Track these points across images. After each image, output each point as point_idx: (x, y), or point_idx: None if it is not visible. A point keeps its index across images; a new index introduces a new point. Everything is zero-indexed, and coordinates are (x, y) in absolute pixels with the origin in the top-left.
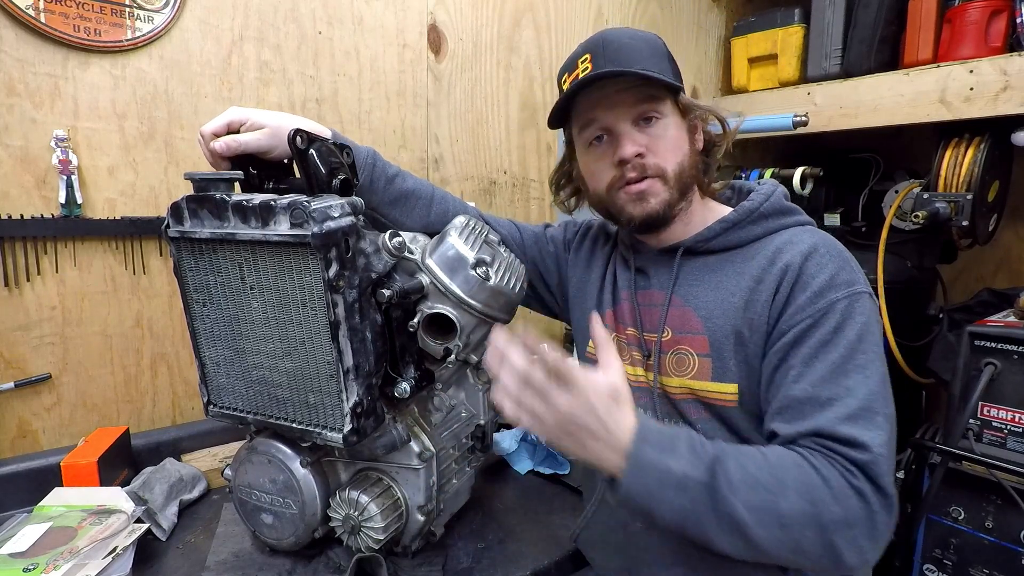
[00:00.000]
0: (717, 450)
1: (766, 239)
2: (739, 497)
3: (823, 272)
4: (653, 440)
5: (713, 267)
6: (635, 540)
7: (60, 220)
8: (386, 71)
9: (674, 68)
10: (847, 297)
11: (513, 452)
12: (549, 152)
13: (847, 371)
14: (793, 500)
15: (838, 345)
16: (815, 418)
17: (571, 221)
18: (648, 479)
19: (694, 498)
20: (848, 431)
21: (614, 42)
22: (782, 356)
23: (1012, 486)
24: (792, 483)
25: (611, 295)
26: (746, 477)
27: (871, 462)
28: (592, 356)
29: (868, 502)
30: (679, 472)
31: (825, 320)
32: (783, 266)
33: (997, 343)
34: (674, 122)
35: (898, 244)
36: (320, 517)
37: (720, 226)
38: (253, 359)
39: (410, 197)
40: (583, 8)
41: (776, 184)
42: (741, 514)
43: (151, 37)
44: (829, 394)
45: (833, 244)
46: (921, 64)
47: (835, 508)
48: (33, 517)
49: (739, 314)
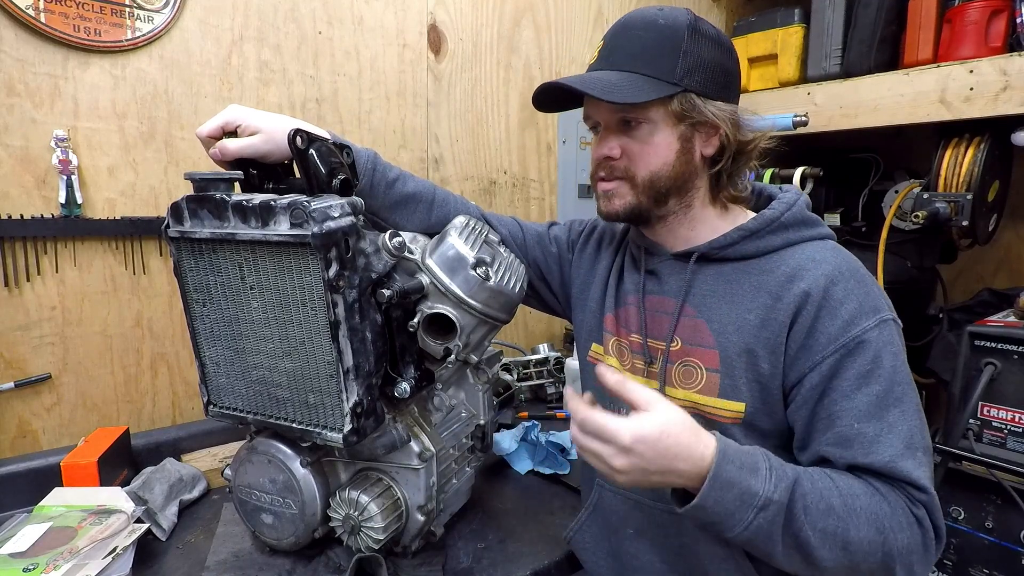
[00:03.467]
0: (795, 473)
1: (785, 251)
2: (810, 520)
3: (850, 299)
4: (735, 458)
5: (728, 278)
6: (625, 546)
7: (60, 220)
8: (386, 71)
9: (689, 61)
10: (876, 326)
11: (513, 452)
12: (549, 152)
13: (887, 405)
14: (863, 528)
15: (878, 378)
16: (870, 457)
17: (576, 220)
18: (728, 496)
19: (772, 519)
20: (907, 471)
21: (624, 32)
22: (822, 391)
23: (1012, 486)
24: (863, 511)
25: (615, 297)
26: (819, 500)
27: (928, 502)
28: (594, 359)
29: (926, 531)
30: (761, 493)
31: (860, 351)
32: (804, 289)
33: (997, 343)
34: (662, 128)
35: (898, 244)
36: (320, 517)
37: (738, 234)
38: (253, 359)
39: (410, 201)
40: (583, 8)
41: (799, 193)
42: (809, 537)
43: (151, 37)
44: (875, 431)
45: (856, 266)
46: (921, 64)
47: (900, 535)
48: (33, 517)
49: (754, 332)
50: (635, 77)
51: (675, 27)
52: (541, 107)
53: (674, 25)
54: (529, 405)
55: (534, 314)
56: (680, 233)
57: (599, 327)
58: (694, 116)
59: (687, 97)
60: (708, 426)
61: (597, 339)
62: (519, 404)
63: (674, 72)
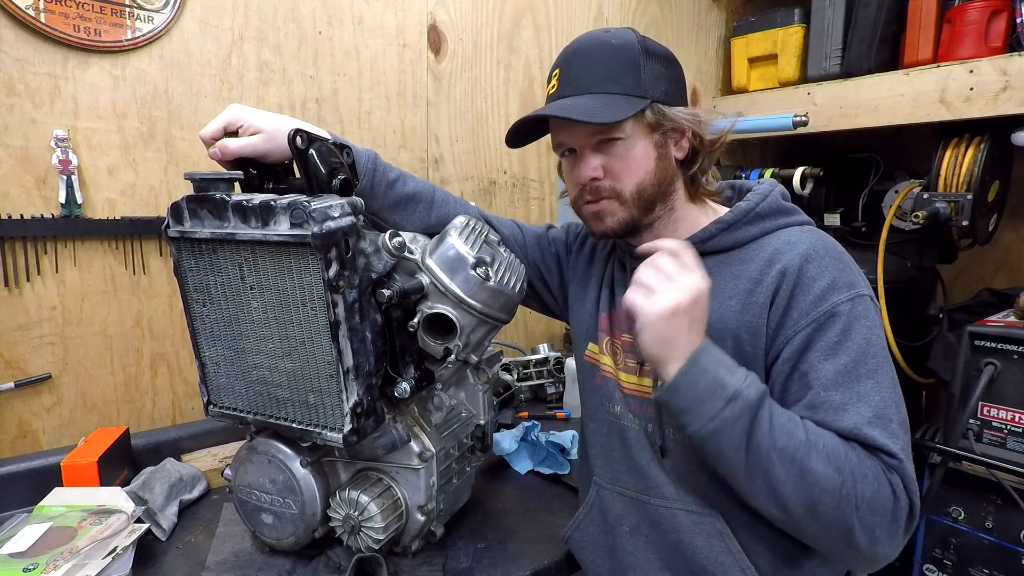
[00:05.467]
0: (769, 397)
1: (763, 240)
2: (773, 434)
3: (824, 275)
4: (716, 354)
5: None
6: (623, 544)
7: (60, 220)
8: (386, 71)
9: (648, 74)
10: (850, 300)
11: (513, 452)
12: (549, 152)
13: (858, 376)
14: (821, 463)
15: (847, 349)
16: (835, 421)
17: (574, 223)
18: (701, 381)
19: (737, 414)
20: (874, 436)
21: (581, 58)
22: (794, 364)
23: (1012, 486)
24: (825, 448)
25: (608, 300)
26: (786, 423)
27: (900, 468)
28: (590, 359)
29: (897, 498)
30: (732, 385)
31: (831, 323)
32: (781, 269)
33: (997, 343)
34: (638, 140)
35: (898, 244)
36: (320, 517)
37: (716, 227)
38: (253, 359)
39: (410, 201)
40: (583, 8)
41: (774, 184)
42: (769, 451)
43: (151, 37)
44: (842, 399)
45: (832, 245)
46: (921, 64)
47: (863, 486)
48: (33, 517)
49: (736, 319)
50: (607, 97)
51: (628, 45)
52: (513, 142)
53: (626, 44)
54: (529, 405)
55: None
56: (664, 235)
57: (595, 327)
58: (665, 124)
59: (655, 107)
60: None
61: (592, 338)
62: (519, 404)
63: (639, 86)
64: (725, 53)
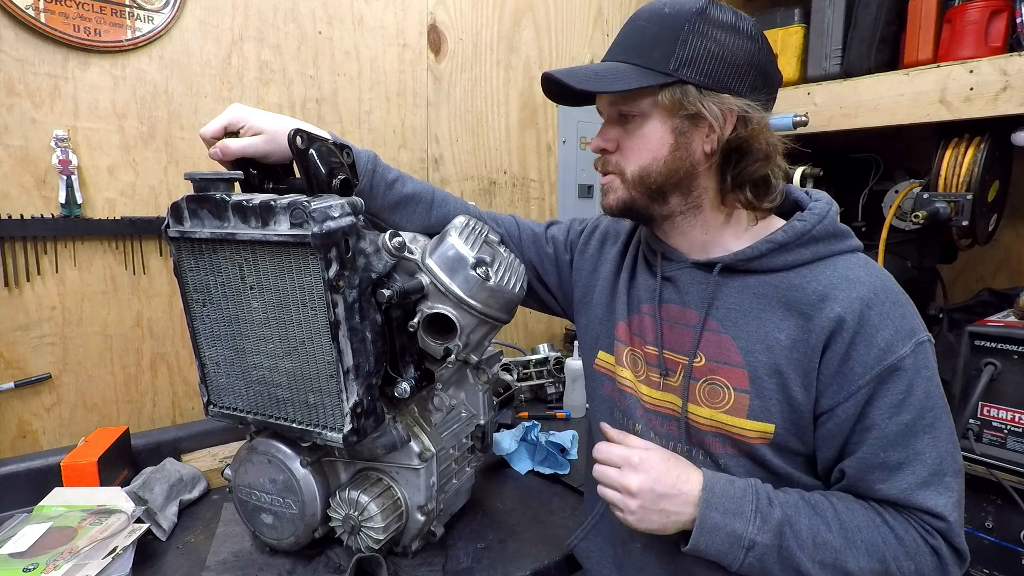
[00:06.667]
0: (786, 510)
1: (815, 266)
2: (806, 554)
3: (886, 325)
4: (718, 505)
5: (755, 291)
6: (632, 559)
7: (60, 220)
8: (386, 71)
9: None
10: (912, 352)
11: (513, 452)
12: (549, 152)
13: (916, 432)
14: (862, 559)
15: (910, 406)
16: (887, 484)
17: (576, 219)
18: (716, 540)
19: (762, 557)
20: (922, 501)
21: (630, 24)
22: (856, 419)
23: (1012, 486)
24: (863, 544)
25: (626, 304)
26: (815, 536)
27: (946, 529)
28: (603, 369)
29: (942, 558)
30: (746, 536)
31: (895, 380)
32: (839, 314)
33: (997, 343)
34: (653, 121)
35: (898, 244)
36: (320, 517)
37: (766, 247)
38: (253, 359)
39: (410, 201)
40: (583, 8)
41: (831, 202)
42: (807, 568)
43: (151, 37)
44: (899, 458)
45: (891, 286)
46: (921, 64)
47: (907, 563)
48: (33, 517)
49: (784, 353)
50: (622, 67)
51: (678, 15)
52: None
53: (678, 13)
54: (529, 405)
55: (534, 314)
56: (695, 237)
57: (609, 335)
58: (688, 109)
59: (681, 88)
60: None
61: (606, 348)
62: (519, 404)
63: (667, 62)
64: None
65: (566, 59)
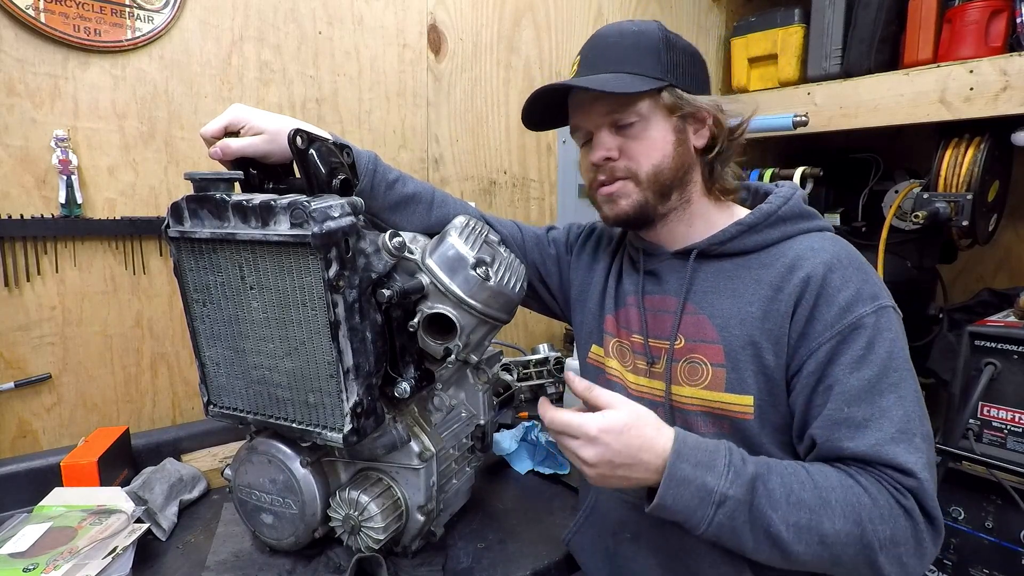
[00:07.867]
0: (759, 467)
1: (783, 244)
2: (779, 514)
3: (848, 286)
4: (690, 456)
5: (729, 273)
6: (622, 550)
7: (60, 220)
8: (386, 71)
9: (668, 60)
10: (874, 312)
11: (513, 452)
12: (549, 152)
13: (881, 390)
14: (837, 521)
15: (871, 363)
16: (855, 441)
17: (574, 223)
18: (685, 493)
19: (732, 514)
20: (892, 456)
21: (601, 42)
22: (818, 377)
23: (1012, 486)
24: (838, 503)
25: (614, 299)
26: (789, 495)
27: (917, 488)
28: (595, 362)
29: (915, 522)
30: (717, 489)
31: (856, 336)
32: (804, 277)
33: (997, 343)
34: (656, 122)
35: (898, 244)
36: (320, 517)
37: (736, 229)
38: (253, 359)
39: (410, 202)
40: (583, 8)
41: (796, 187)
42: (779, 530)
43: (151, 37)
44: (864, 415)
45: (854, 255)
46: (921, 64)
47: (882, 527)
48: (33, 517)
49: (757, 324)
50: (623, 75)
51: (649, 33)
52: (531, 123)
53: (648, 32)
54: (529, 405)
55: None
56: (678, 231)
57: (599, 329)
58: (684, 108)
59: (674, 90)
60: (720, 424)
61: (597, 341)
62: (519, 404)
63: (658, 69)
64: (725, 53)
65: (566, 59)
